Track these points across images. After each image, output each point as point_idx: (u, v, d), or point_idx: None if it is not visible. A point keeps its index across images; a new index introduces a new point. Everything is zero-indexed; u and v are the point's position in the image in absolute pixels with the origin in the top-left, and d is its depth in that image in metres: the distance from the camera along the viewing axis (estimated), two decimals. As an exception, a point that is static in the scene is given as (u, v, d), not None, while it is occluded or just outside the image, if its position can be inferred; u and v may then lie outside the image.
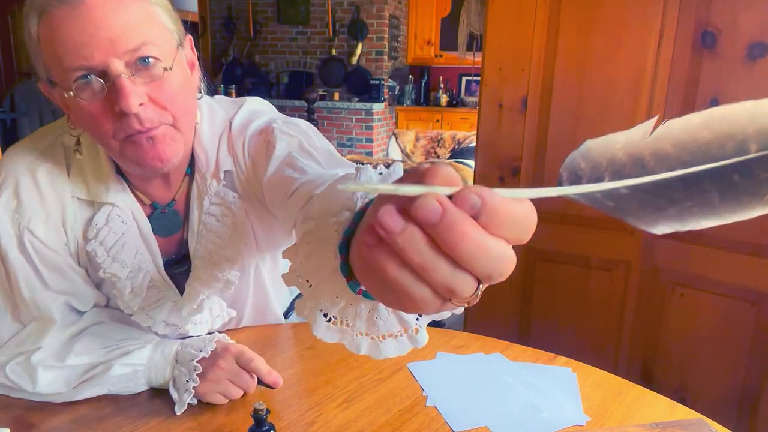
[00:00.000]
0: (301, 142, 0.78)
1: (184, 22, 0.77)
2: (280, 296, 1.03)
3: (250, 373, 0.79)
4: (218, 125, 0.85)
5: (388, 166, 0.51)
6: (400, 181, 0.32)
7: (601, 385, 0.83)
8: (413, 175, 0.31)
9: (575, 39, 1.49)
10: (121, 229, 0.82)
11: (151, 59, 0.68)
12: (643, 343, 1.55)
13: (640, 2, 1.38)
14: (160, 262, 0.86)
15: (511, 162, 1.66)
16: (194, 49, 0.81)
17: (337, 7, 6.02)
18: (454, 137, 5.33)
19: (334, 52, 6.16)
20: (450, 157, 5.09)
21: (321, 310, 0.47)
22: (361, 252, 0.33)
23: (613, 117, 1.45)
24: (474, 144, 2.35)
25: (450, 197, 0.29)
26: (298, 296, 1.06)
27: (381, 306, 0.46)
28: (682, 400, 0.81)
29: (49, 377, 0.77)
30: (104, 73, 0.66)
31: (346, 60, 6.13)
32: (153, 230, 0.84)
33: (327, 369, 0.87)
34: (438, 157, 5.25)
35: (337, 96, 6.08)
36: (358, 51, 6.03)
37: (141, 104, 0.68)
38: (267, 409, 0.66)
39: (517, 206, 0.30)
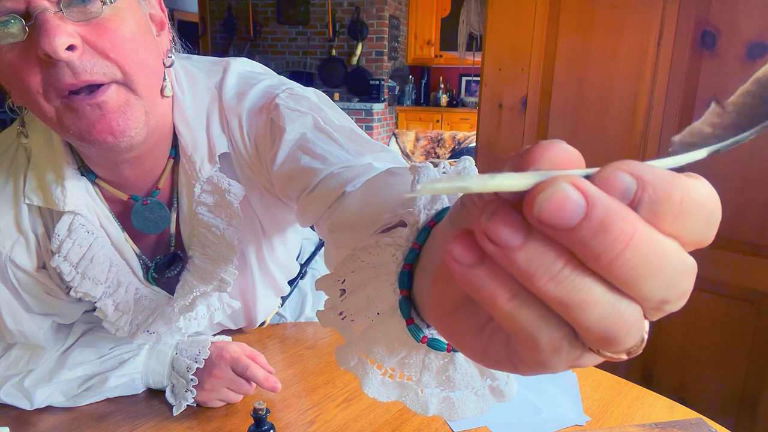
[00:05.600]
0: (315, 119, 0.66)
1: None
2: (286, 274, 0.93)
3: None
4: (202, 95, 0.71)
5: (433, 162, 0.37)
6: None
7: (601, 384, 0.83)
8: (507, 165, 0.21)
9: (575, 39, 1.49)
10: (87, 240, 0.69)
11: None
12: (643, 343, 1.54)
13: (640, 2, 1.38)
14: (141, 272, 0.76)
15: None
16: (163, 7, 0.67)
17: (337, 8, 6.02)
18: (454, 137, 5.33)
19: (334, 52, 6.16)
20: (450, 157, 5.10)
21: (373, 362, 0.35)
22: (452, 270, 0.21)
23: (612, 117, 1.45)
24: (474, 144, 2.35)
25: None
26: (308, 261, 1.03)
27: (458, 355, 0.34)
28: (682, 400, 0.81)
29: (46, 393, 0.76)
30: (27, 14, 0.53)
31: (346, 60, 6.14)
32: (137, 227, 0.72)
33: (327, 369, 0.87)
34: (438, 157, 5.25)
35: (337, 96, 6.08)
36: (358, 51, 6.04)
37: (72, 47, 0.53)
38: (267, 408, 0.66)
39: (697, 186, 0.19)
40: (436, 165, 0.37)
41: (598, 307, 0.19)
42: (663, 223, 0.19)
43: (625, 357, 0.22)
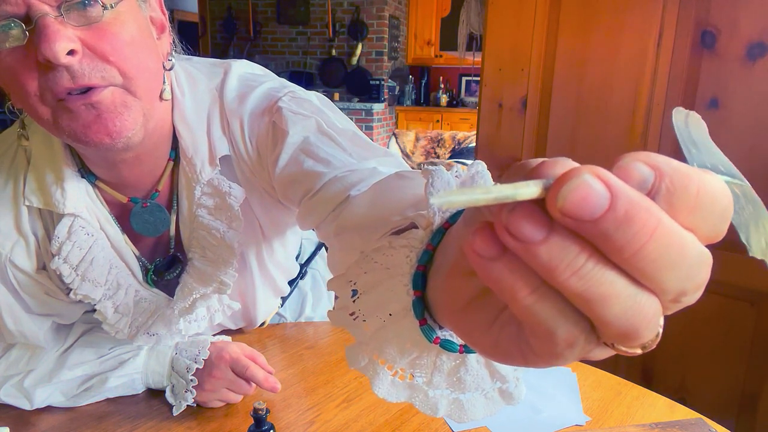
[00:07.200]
0: (318, 123, 0.65)
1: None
2: (286, 274, 0.92)
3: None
4: (203, 96, 0.71)
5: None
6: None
7: (601, 384, 0.83)
8: (516, 175, 0.22)
9: (575, 39, 1.49)
10: (87, 242, 0.69)
11: None
12: (643, 343, 1.54)
13: (640, 2, 1.38)
14: (141, 274, 0.76)
15: (511, 162, 1.66)
16: (164, 9, 0.66)
17: (337, 8, 6.02)
18: (454, 137, 5.33)
19: (334, 52, 6.16)
20: (450, 157, 5.10)
21: (384, 362, 0.35)
22: (472, 263, 0.21)
23: (612, 117, 1.45)
24: (474, 144, 2.35)
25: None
26: (308, 261, 1.04)
27: (470, 357, 0.34)
28: (682, 400, 0.81)
29: (45, 393, 0.76)
30: (28, 18, 0.52)
31: (346, 60, 6.14)
32: (137, 229, 0.72)
33: (327, 369, 0.87)
34: (438, 157, 5.25)
35: (337, 96, 6.08)
36: (358, 51, 6.03)
37: (72, 52, 0.53)
38: (267, 408, 0.66)
39: (711, 180, 0.19)
40: (449, 168, 0.36)
41: (620, 301, 0.19)
42: (680, 215, 0.19)
43: (639, 351, 0.21)
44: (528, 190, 0.19)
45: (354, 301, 0.37)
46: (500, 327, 0.25)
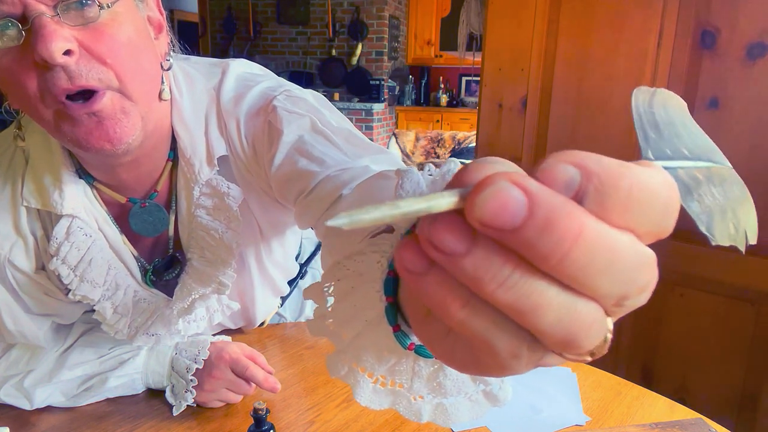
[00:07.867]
0: (313, 121, 0.65)
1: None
2: (285, 274, 0.92)
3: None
4: (200, 97, 0.70)
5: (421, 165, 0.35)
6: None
7: (601, 384, 0.83)
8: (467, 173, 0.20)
9: (575, 39, 1.49)
10: (85, 243, 0.69)
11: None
12: (643, 343, 1.55)
13: (640, 2, 1.38)
14: (139, 275, 0.76)
15: (511, 162, 1.66)
16: (162, 9, 0.66)
17: (337, 8, 6.02)
18: (454, 137, 5.33)
19: (334, 52, 6.16)
20: (450, 157, 5.10)
21: (363, 370, 0.35)
22: (403, 278, 0.21)
23: (612, 117, 1.45)
24: (474, 144, 2.36)
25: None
26: (308, 261, 1.04)
27: None
28: (682, 400, 0.81)
29: (45, 393, 0.76)
30: (24, 18, 0.52)
31: (346, 60, 6.14)
32: (135, 230, 0.72)
33: (326, 369, 0.87)
34: (438, 157, 5.25)
35: (337, 96, 6.08)
36: (358, 51, 6.04)
37: (69, 52, 0.52)
38: (267, 408, 0.66)
39: (648, 174, 0.18)
40: (421, 168, 0.35)
41: (553, 310, 0.18)
42: (612, 215, 0.18)
43: (589, 359, 0.21)
44: (443, 201, 0.18)
45: (330, 309, 0.36)
46: (455, 338, 0.24)
